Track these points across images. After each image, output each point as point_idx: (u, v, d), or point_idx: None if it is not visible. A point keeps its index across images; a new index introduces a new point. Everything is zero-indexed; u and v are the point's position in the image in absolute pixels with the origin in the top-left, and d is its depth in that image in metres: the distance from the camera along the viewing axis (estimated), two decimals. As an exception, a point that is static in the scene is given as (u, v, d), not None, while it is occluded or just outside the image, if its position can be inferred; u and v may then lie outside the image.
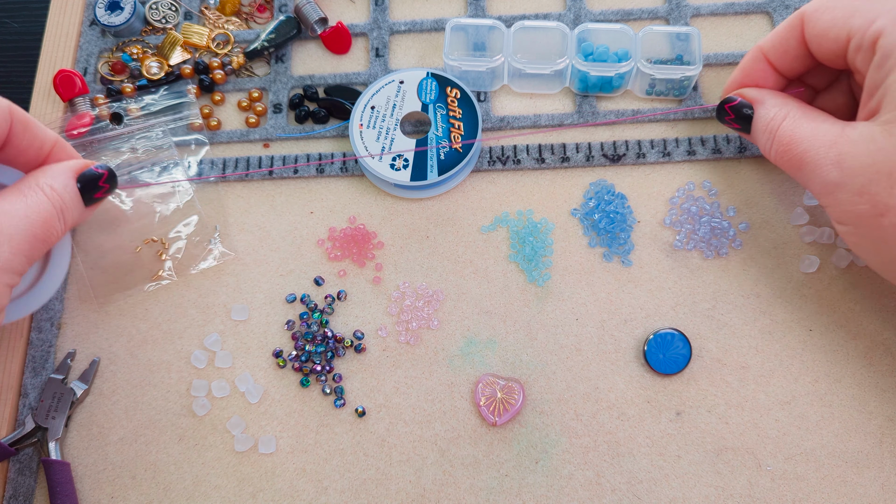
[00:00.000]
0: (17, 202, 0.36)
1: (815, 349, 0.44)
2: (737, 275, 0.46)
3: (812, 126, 0.38)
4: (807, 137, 0.38)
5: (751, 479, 0.41)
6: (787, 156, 0.39)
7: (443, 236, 0.48)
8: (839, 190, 0.36)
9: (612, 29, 0.49)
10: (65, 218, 0.37)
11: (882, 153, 0.34)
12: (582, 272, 0.46)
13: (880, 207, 0.34)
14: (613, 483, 0.42)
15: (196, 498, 0.42)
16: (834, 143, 0.36)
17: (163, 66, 0.52)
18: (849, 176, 0.35)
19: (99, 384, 0.45)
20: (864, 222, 0.36)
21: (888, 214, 0.34)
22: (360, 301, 0.46)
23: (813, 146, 0.37)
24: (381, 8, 0.54)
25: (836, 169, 0.36)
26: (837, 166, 0.36)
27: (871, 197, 0.35)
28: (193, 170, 0.49)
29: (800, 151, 0.38)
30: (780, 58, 0.41)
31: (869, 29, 0.35)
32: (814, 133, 0.37)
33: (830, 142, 0.36)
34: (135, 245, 0.47)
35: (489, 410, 0.43)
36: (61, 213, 0.37)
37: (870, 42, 0.35)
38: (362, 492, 0.42)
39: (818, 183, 0.37)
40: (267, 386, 0.45)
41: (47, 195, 0.37)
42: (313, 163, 0.49)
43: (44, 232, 0.36)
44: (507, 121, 0.50)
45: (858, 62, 0.37)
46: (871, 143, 0.35)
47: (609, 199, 0.47)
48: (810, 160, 0.37)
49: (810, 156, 0.37)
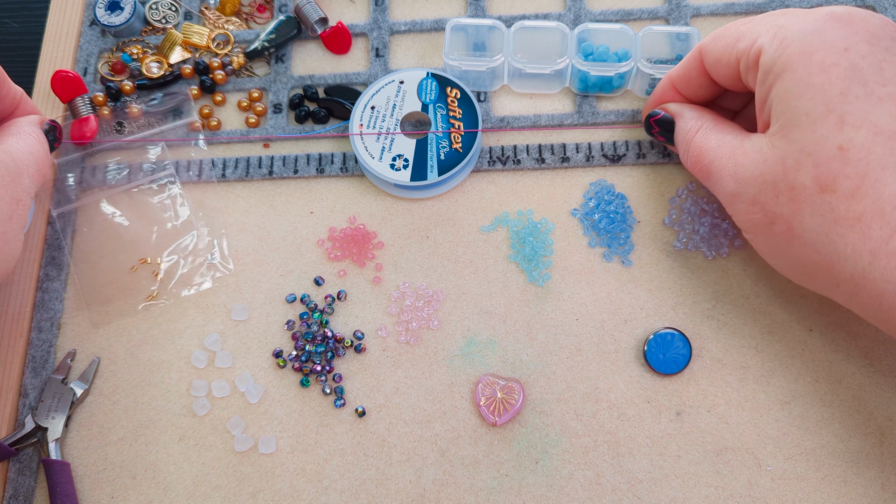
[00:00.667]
0: (20, 142, 0.42)
1: (815, 349, 0.44)
2: (737, 275, 0.46)
3: (718, 137, 0.40)
4: (713, 148, 0.39)
5: (751, 479, 0.41)
6: (698, 166, 0.41)
7: (443, 236, 0.48)
8: (737, 200, 0.38)
9: (612, 29, 0.49)
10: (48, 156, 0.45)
11: (767, 164, 0.36)
12: (582, 272, 0.46)
13: (770, 216, 0.36)
14: (613, 483, 0.42)
15: (196, 498, 0.42)
16: (732, 155, 0.38)
17: (163, 65, 0.52)
18: (743, 186, 0.37)
19: (99, 384, 0.45)
20: (760, 230, 0.37)
21: (777, 223, 0.36)
22: (360, 301, 0.46)
23: (717, 157, 0.39)
24: (381, 8, 0.54)
25: (733, 180, 0.38)
26: (734, 177, 0.38)
27: (762, 206, 0.36)
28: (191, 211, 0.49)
29: (707, 162, 0.40)
30: (684, 87, 0.44)
31: (751, 49, 0.37)
32: (719, 144, 0.39)
33: (730, 153, 0.38)
34: (130, 264, 0.47)
35: (489, 410, 0.43)
36: (47, 152, 0.44)
37: (753, 61, 0.37)
38: (362, 492, 0.42)
39: (721, 193, 0.39)
40: (267, 386, 0.45)
41: (35, 137, 0.43)
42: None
43: (44, 165, 0.43)
44: (507, 121, 0.50)
45: (750, 82, 0.38)
46: (760, 153, 0.36)
47: (609, 199, 0.47)
48: (715, 170, 0.39)
49: (714, 166, 0.39)
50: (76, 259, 0.47)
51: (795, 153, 0.34)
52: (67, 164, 0.49)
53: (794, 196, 0.35)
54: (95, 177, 0.49)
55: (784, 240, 0.36)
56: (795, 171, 0.34)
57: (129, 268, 0.47)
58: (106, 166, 0.49)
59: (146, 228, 0.48)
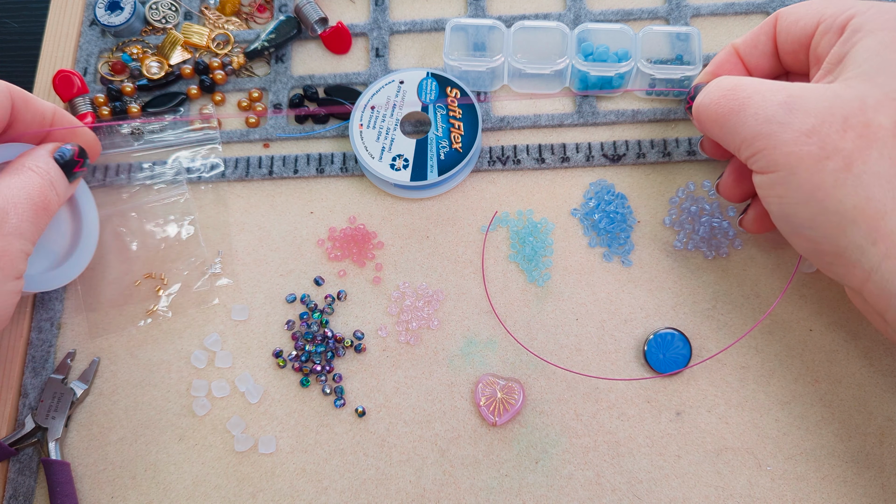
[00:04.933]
0: (11, 180, 0.39)
1: (815, 349, 0.44)
2: (737, 275, 0.46)
3: (758, 80, 0.38)
4: (752, 83, 0.38)
5: (751, 479, 0.41)
6: (727, 101, 0.38)
7: (443, 236, 0.48)
8: (784, 130, 0.35)
9: (612, 29, 0.49)
10: (56, 189, 0.41)
11: (840, 99, 0.34)
12: (582, 272, 0.46)
13: (828, 150, 0.34)
14: (613, 483, 0.42)
15: (196, 498, 0.42)
16: (783, 87, 0.36)
17: (163, 66, 0.52)
18: (798, 116, 0.35)
19: (99, 384, 0.45)
20: (804, 165, 0.34)
21: (833, 158, 0.34)
22: (360, 301, 0.46)
23: (759, 90, 0.37)
24: (381, 8, 0.54)
25: (783, 108, 0.35)
26: (785, 106, 0.35)
27: (821, 138, 0.34)
28: None
29: (745, 95, 0.37)
30: (749, 51, 0.42)
31: (841, 14, 0.37)
32: (760, 80, 0.38)
33: (779, 86, 0.37)
34: (135, 279, 0.47)
35: (489, 410, 0.43)
36: (51, 184, 0.41)
37: (840, 24, 0.37)
38: (362, 492, 0.42)
39: (759, 122, 0.36)
40: (267, 386, 0.45)
41: (34, 171, 0.40)
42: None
43: (41, 200, 0.40)
44: (507, 121, 0.50)
45: (821, 46, 0.38)
46: (829, 90, 0.35)
47: (609, 199, 0.47)
48: (755, 101, 0.36)
49: (756, 98, 0.37)
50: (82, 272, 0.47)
51: (879, 95, 0.34)
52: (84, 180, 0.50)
53: (867, 133, 0.33)
54: (110, 195, 0.49)
55: (834, 178, 0.34)
56: (875, 110, 0.34)
57: (134, 282, 0.47)
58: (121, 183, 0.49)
59: (154, 243, 0.48)
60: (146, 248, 0.47)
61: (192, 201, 0.48)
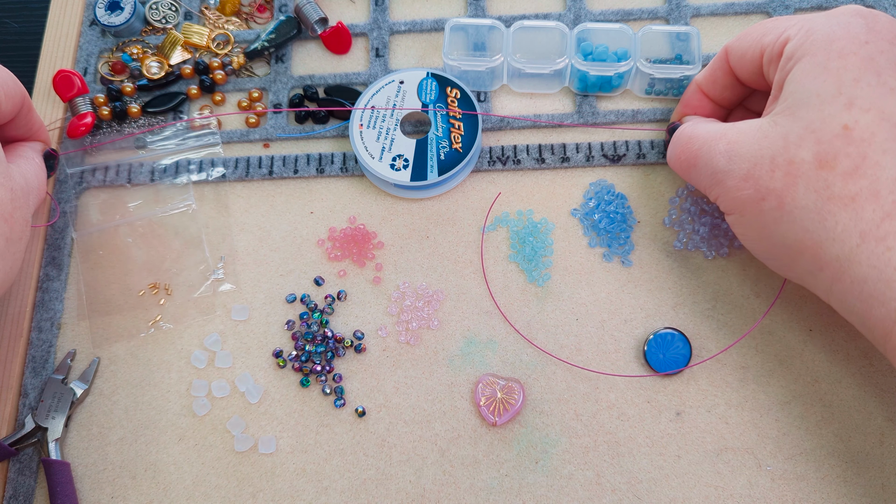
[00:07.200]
0: (29, 167, 0.44)
1: (815, 349, 0.44)
2: (737, 275, 0.46)
3: (708, 125, 0.41)
4: (702, 134, 0.40)
5: (751, 479, 0.41)
6: (686, 153, 0.41)
7: (443, 236, 0.48)
8: (727, 177, 0.38)
9: (612, 29, 0.49)
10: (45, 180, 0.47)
11: (767, 140, 0.36)
12: (582, 272, 0.46)
13: (762, 191, 0.36)
14: (613, 483, 0.42)
15: (196, 498, 0.42)
16: (724, 134, 0.38)
17: (163, 66, 0.52)
18: (735, 163, 0.37)
19: (99, 384, 0.45)
20: (748, 208, 0.37)
21: (768, 198, 0.36)
22: (360, 301, 0.46)
23: (707, 140, 0.39)
24: (381, 8, 0.54)
25: (724, 158, 0.38)
26: (726, 154, 0.38)
27: (755, 181, 0.36)
28: None
29: (696, 147, 0.40)
30: (710, 87, 0.44)
31: (777, 40, 0.38)
32: (708, 130, 0.40)
33: (721, 134, 0.39)
34: (139, 289, 0.47)
35: (489, 410, 0.43)
36: (46, 178, 0.47)
37: (778, 51, 0.38)
38: (362, 492, 0.42)
39: (709, 173, 0.39)
40: (267, 386, 0.45)
41: (39, 163, 0.46)
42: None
43: (44, 188, 0.46)
44: (507, 121, 0.50)
45: (771, 74, 0.39)
46: (759, 131, 0.37)
47: (609, 199, 0.47)
48: (704, 153, 0.39)
49: (704, 149, 0.39)
50: (87, 281, 0.47)
51: (799, 129, 0.35)
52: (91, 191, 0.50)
53: (791, 170, 0.35)
54: (116, 206, 0.49)
55: (773, 217, 0.36)
56: (797, 146, 0.35)
57: (138, 292, 0.47)
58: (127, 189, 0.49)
59: (159, 254, 0.48)
60: (151, 258, 0.47)
61: (198, 212, 0.48)
